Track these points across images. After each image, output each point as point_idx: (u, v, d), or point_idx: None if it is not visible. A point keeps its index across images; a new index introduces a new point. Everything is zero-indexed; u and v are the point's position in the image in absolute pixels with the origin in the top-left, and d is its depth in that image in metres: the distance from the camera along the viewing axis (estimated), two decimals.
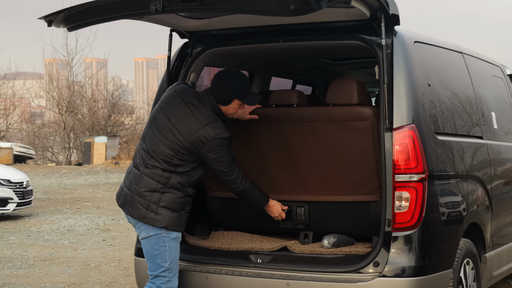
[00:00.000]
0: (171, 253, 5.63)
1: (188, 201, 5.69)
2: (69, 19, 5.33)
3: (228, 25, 6.24)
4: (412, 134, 5.47)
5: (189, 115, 5.65)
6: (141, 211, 5.60)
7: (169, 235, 5.60)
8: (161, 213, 5.58)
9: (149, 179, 5.60)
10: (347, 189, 5.96)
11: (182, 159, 5.60)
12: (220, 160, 5.62)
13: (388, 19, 5.57)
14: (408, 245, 5.43)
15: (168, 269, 5.64)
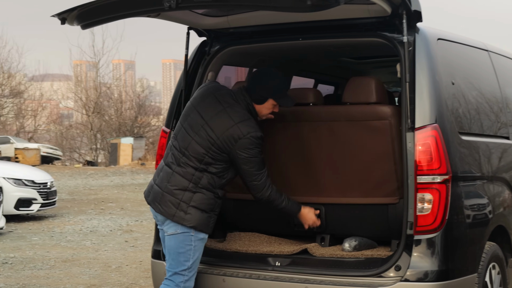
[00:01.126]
0: (195, 253, 5.54)
1: (218, 203, 5.59)
2: (82, 17, 5.21)
3: (246, 23, 6.11)
4: (435, 134, 5.29)
5: (222, 112, 5.55)
6: (171, 209, 5.50)
7: (197, 235, 5.51)
8: (190, 213, 5.47)
9: (181, 178, 5.51)
10: (365, 191, 5.80)
11: (214, 158, 5.49)
12: (251, 160, 5.49)
13: (410, 15, 5.40)
14: (431, 248, 5.25)
15: (189, 268, 5.54)
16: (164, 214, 5.53)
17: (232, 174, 5.62)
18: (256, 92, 5.62)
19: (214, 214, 5.57)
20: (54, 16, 5.15)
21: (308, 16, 5.76)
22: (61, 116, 66.39)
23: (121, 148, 43.41)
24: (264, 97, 5.63)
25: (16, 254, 11.42)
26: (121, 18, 5.24)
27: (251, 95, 5.63)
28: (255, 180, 5.55)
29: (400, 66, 5.47)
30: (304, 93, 6.11)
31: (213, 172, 5.51)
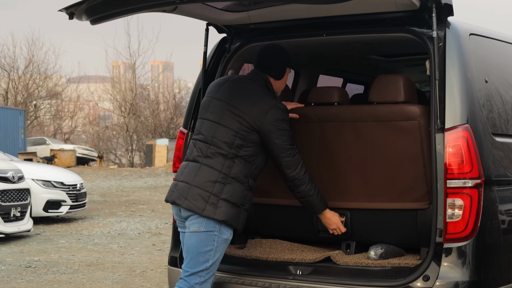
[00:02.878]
0: (216, 253, 5.21)
1: (249, 196, 5.26)
2: (91, 11, 4.94)
3: (267, 18, 5.82)
4: (466, 135, 4.95)
5: (242, 91, 5.36)
6: (200, 203, 5.15)
7: (220, 235, 5.18)
8: (221, 206, 5.14)
9: (210, 169, 5.19)
10: (392, 196, 5.47)
11: (244, 138, 5.21)
12: (283, 132, 5.24)
13: (440, 9, 5.07)
14: (462, 257, 4.91)
15: (207, 269, 5.21)
16: (192, 209, 5.16)
17: (263, 159, 5.32)
18: (275, 67, 5.44)
19: (244, 210, 5.24)
20: (62, 10, 4.88)
21: (332, 10, 5.49)
22: (99, 117, 66.63)
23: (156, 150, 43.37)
24: (283, 69, 5.47)
25: (41, 258, 11.24)
26: (133, 12, 4.97)
27: (269, 72, 5.43)
28: (290, 155, 5.27)
29: (430, 63, 5.14)
30: (328, 92, 5.79)
31: (244, 158, 5.22)
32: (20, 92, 50.49)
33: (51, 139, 47.84)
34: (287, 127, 5.26)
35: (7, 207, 12.76)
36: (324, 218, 5.49)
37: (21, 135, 38.64)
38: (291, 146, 5.26)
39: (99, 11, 4.96)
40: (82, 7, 4.87)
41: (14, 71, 50.75)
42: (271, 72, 5.40)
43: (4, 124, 36.82)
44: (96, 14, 4.98)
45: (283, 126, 5.23)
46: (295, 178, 5.31)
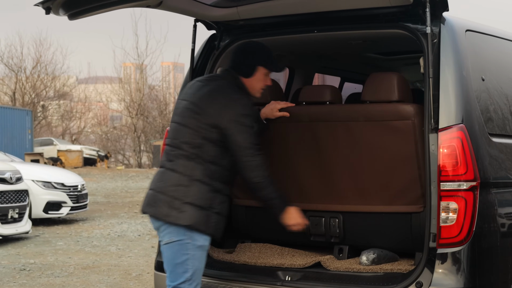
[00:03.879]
0: (194, 262, 4.92)
1: (217, 197, 4.93)
2: (68, 5, 4.73)
3: (257, 14, 5.61)
4: (461, 136, 4.72)
5: (205, 87, 5.07)
6: (163, 209, 4.89)
7: (193, 242, 4.88)
8: (185, 210, 4.84)
9: (173, 173, 4.92)
10: (386, 198, 5.25)
11: (205, 137, 4.89)
12: (243, 129, 4.88)
13: (434, 4, 4.86)
14: (456, 263, 4.69)
15: (189, 280, 4.93)
16: (157, 216, 4.92)
17: (228, 160, 4.97)
18: (243, 64, 5.11)
19: (214, 213, 4.90)
20: (38, 5, 4.68)
21: (324, 5, 5.29)
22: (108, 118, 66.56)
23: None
24: (252, 66, 5.10)
25: (37, 260, 11.06)
26: (113, 6, 4.76)
27: (237, 69, 5.12)
28: (249, 155, 4.89)
29: (424, 60, 4.93)
30: (320, 91, 5.58)
31: (207, 159, 4.90)
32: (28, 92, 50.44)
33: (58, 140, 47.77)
34: (249, 124, 4.92)
35: (5, 209, 12.59)
36: (286, 216, 5.09)
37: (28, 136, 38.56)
38: (253, 145, 4.90)
39: (77, 5, 4.76)
40: (59, 1, 4.67)
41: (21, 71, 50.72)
42: (238, 69, 5.12)
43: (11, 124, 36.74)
44: (74, 9, 4.78)
45: (243, 122, 4.89)
46: (254, 182, 4.94)
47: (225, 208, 5.02)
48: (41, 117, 52.20)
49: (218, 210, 4.95)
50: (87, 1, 4.75)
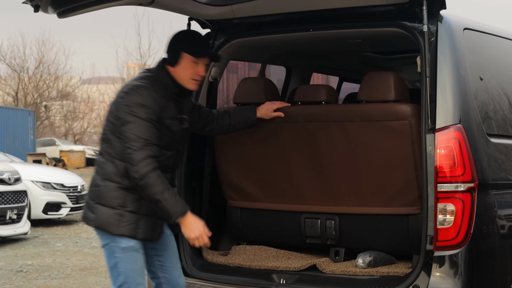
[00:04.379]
0: (124, 265, 4.67)
1: (130, 196, 4.62)
2: (57, 2, 4.64)
3: (252, 13, 5.52)
4: (459, 136, 4.63)
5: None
6: (84, 212, 4.75)
7: (118, 245, 4.64)
8: (95, 211, 4.64)
9: (94, 175, 4.76)
10: (382, 200, 5.16)
11: (111, 131, 4.62)
12: (133, 120, 4.49)
13: (431, 1, 4.76)
14: (453, 266, 4.60)
15: (124, 283, 4.69)
16: (82, 219, 4.81)
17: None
18: (169, 52, 4.73)
19: (126, 211, 4.61)
20: (26, 2, 4.58)
21: (320, 3, 5.19)
22: None
23: None
24: (176, 53, 4.70)
25: (34, 262, 10.97)
26: (103, 4, 4.66)
27: (167, 60, 4.74)
28: (132, 147, 4.46)
29: (421, 59, 4.83)
30: (315, 91, 5.48)
31: (114, 155, 4.62)
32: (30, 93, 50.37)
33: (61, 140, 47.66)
34: (143, 115, 4.50)
35: (3, 210, 12.50)
36: (183, 224, 4.59)
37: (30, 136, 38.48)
38: (138, 138, 4.46)
39: (66, 3, 4.67)
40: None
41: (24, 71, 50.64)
42: (168, 60, 4.74)
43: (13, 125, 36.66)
44: (63, 6, 4.69)
45: (135, 111, 4.50)
46: (134, 177, 4.49)
47: (146, 206, 4.63)
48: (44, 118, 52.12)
49: (133, 208, 4.64)
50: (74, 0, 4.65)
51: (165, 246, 4.96)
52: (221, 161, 5.68)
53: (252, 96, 5.57)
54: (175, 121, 4.72)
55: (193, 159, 5.60)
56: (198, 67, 4.75)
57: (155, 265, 4.96)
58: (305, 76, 7.17)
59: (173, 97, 4.74)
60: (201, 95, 5.62)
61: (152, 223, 4.71)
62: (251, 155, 5.55)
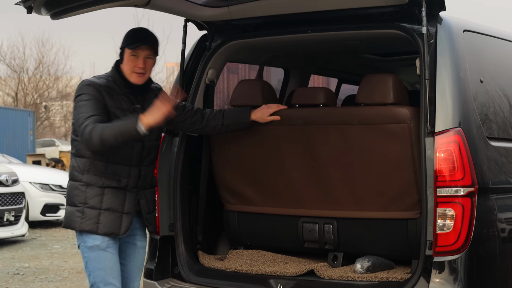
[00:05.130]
0: (92, 265, 4.77)
1: (88, 192, 4.72)
2: (51, 4, 4.57)
3: (249, 14, 5.45)
4: (458, 140, 4.55)
5: None
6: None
7: (84, 244, 4.76)
8: (65, 213, 4.85)
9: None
10: (381, 204, 5.09)
11: (72, 131, 4.78)
12: (75, 108, 4.68)
13: (430, 3, 4.69)
14: (453, 272, 4.53)
15: (94, 284, 4.79)
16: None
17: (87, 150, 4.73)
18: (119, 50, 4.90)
19: (87, 208, 4.70)
20: (19, 4, 4.52)
21: (318, 5, 5.13)
22: None
23: None
24: (121, 50, 4.87)
25: (31, 264, 10.89)
26: (97, 5, 4.59)
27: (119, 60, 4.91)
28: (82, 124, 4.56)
29: (420, 61, 4.76)
30: (313, 93, 5.42)
31: (74, 153, 4.76)
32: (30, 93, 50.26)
33: (60, 141, 47.57)
34: (83, 98, 4.65)
35: (0, 211, 12.42)
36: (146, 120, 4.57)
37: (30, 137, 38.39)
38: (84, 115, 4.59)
39: (59, 4, 4.60)
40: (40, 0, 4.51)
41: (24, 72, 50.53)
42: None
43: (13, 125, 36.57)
44: (56, 8, 4.63)
45: (78, 99, 4.66)
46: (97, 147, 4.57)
47: (107, 200, 4.73)
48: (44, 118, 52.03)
49: (93, 204, 4.72)
50: (70, 0, 4.58)
51: (131, 258, 5.04)
52: (218, 164, 5.61)
53: (249, 98, 5.50)
54: (126, 112, 4.76)
55: (189, 162, 5.53)
56: (138, 60, 4.81)
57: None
58: (304, 78, 7.10)
59: (124, 91, 4.82)
60: (197, 97, 5.56)
61: (115, 217, 4.77)
62: (249, 158, 5.48)
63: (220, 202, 5.73)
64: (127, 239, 4.98)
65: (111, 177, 4.75)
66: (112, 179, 4.76)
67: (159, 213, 5.41)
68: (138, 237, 5.03)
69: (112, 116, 4.70)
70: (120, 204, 4.79)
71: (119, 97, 4.78)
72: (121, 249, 4.97)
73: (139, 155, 4.86)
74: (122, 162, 4.76)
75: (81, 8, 4.63)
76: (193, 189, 5.62)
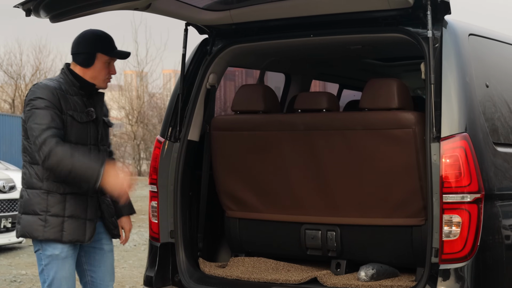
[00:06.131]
0: (49, 272, 4.66)
1: (52, 198, 4.62)
2: (50, 6, 4.49)
3: (251, 18, 5.39)
4: (465, 145, 4.48)
5: None
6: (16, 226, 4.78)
7: (44, 252, 4.65)
8: (21, 222, 4.67)
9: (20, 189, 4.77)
10: (385, 211, 5.01)
11: (24, 137, 4.68)
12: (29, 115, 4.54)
13: (436, 6, 4.62)
14: (459, 280, 4.45)
15: None
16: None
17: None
18: (81, 54, 4.73)
19: (49, 216, 4.59)
20: (18, 6, 4.44)
21: (320, 8, 5.07)
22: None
23: None
24: (91, 53, 4.71)
25: (29, 271, 10.79)
26: (96, 8, 4.51)
27: (77, 61, 4.74)
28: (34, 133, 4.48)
29: (425, 65, 4.69)
30: (316, 98, 5.34)
31: (29, 161, 4.65)
32: None
33: None
34: (38, 105, 4.52)
35: None
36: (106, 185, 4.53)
37: None
38: (39, 125, 4.48)
39: (59, 7, 4.52)
40: (39, 2, 4.42)
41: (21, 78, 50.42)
42: (79, 61, 4.74)
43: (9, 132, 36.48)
44: (56, 10, 4.54)
45: (32, 105, 4.53)
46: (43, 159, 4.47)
47: (70, 207, 4.65)
48: None
49: (55, 211, 4.62)
50: (69, 2, 4.50)
51: (100, 263, 4.96)
52: (219, 170, 5.53)
53: (251, 103, 5.44)
54: (81, 114, 4.69)
55: (190, 168, 5.46)
56: (111, 67, 4.80)
57: (87, 280, 4.98)
58: (305, 84, 7.03)
59: (77, 93, 4.73)
60: (198, 102, 5.49)
61: (79, 224, 4.69)
62: (250, 164, 5.41)
63: (221, 209, 5.65)
64: (94, 245, 4.89)
65: (71, 183, 4.62)
66: (73, 185, 4.64)
67: (159, 219, 5.35)
68: (104, 241, 4.95)
69: (68, 119, 4.62)
70: (83, 211, 4.69)
71: (73, 100, 4.68)
72: (89, 255, 4.91)
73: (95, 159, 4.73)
74: None
75: (80, 11, 4.55)
76: (193, 196, 5.54)
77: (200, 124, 5.52)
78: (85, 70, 4.74)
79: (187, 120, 5.43)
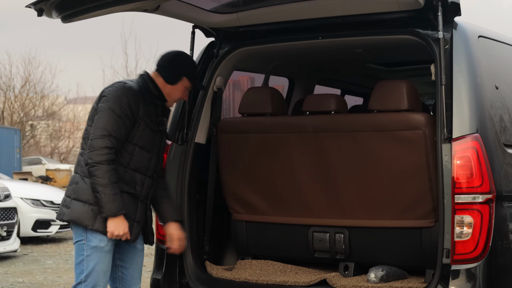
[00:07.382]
0: (89, 264, 4.76)
1: None
2: (62, 6, 4.49)
3: (259, 20, 5.38)
4: (476, 146, 4.48)
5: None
6: (60, 209, 4.89)
7: (88, 243, 4.74)
8: (71, 207, 4.77)
9: (73, 174, 4.86)
10: (395, 213, 5.00)
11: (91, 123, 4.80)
12: (102, 109, 4.73)
13: (446, 8, 4.62)
14: (471, 281, 4.44)
15: (83, 281, 4.77)
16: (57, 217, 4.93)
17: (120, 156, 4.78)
18: (170, 70, 4.95)
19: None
20: (29, 6, 4.42)
21: (329, 10, 5.07)
22: None
23: None
24: (178, 75, 4.95)
25: (25, 279, 10.73)
26: (107, 8, 4.50)
27: (163, 74, 4.95)
28: (96, 132, 4.67)
29: (435, 67, 4.69)
30: (325, 100, 5.33)
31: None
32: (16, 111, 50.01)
33: (47, 159, 47.34)
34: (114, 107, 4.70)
35: None
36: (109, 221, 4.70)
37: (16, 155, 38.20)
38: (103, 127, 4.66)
39: (71, 7, 4.51)
40: (52, 1, 4.41)
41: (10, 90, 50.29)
42: (165, 75, 4.95)
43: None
44: (68, 10, 4.53)
45: (109, 102, 4.71)
46: (88, 162, 4.64)
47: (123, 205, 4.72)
48: (30, 136, 51.77)
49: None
50: (80, 3, 4.49)
51: (132, 260, 5.06)
52: (225, 172, 5.52)
53: (258, 106, 5.43)
54: (153, 122, 4.89)
55: (196, 171, 5.43)
56: (185, 92, 5.05)
57: (117, 275, 5.04)
58: (308, 88, 7.02)
59: (152, 102, 4.91)
60: (205, 105, 5.47)
61: (129, 223, 4.77)
62: (257, 166, 5.39)
63: (227, 212, 5.63)
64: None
65: (128, 183, 4.78)
66: (129, 185, 4.79)
67: None
68: (139, 240, 5.05)
69: (142, 124, 4.80)
70: (133, 212, 4.83)
71: (149, 106, 4.87)
72: (122, 252, 5.01)
73: (154, 167, 4.93)
74: (140, 171, 4.84)
75: (91, 11, 4.54)
76: (200, 198, 5.52)
77: (207, 126, 5.50)
78: (165, 85, 4.94)
79: (194, 123, 5.42)
